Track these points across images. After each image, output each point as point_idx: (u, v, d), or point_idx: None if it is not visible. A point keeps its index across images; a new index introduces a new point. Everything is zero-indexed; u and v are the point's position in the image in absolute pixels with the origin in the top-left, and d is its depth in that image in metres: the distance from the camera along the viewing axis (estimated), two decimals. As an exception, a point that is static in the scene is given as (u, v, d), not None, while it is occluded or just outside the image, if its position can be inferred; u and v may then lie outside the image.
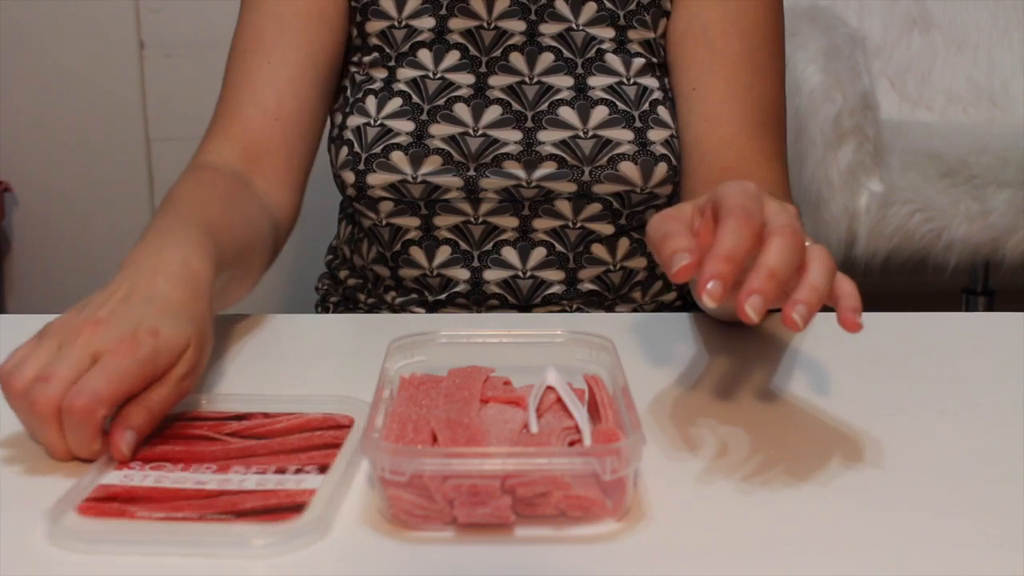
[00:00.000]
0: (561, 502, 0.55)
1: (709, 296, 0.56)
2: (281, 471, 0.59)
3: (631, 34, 0.97)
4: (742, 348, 0.81)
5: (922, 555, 0.53)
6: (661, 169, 0.94)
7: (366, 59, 0.98)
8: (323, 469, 0.60)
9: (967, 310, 2.19)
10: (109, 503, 0.56)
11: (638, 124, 0.95)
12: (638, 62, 0.97)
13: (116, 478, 0.59)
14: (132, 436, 0.60)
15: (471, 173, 0.95)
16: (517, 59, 0.97)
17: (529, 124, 0.95)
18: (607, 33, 0.97)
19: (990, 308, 2.18)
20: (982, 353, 0.82)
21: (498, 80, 0.97)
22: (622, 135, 0.94)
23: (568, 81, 0.96)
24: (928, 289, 2.27)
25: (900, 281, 2.21)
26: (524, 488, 0.54)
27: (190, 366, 0.64)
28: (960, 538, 0.55)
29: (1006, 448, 0.65)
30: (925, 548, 0.54)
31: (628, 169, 0.94)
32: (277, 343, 0.83)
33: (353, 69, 0.99)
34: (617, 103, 0.95)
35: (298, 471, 0.59)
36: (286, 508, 0.56)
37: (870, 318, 0.89)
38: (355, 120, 0.96)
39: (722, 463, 0.63)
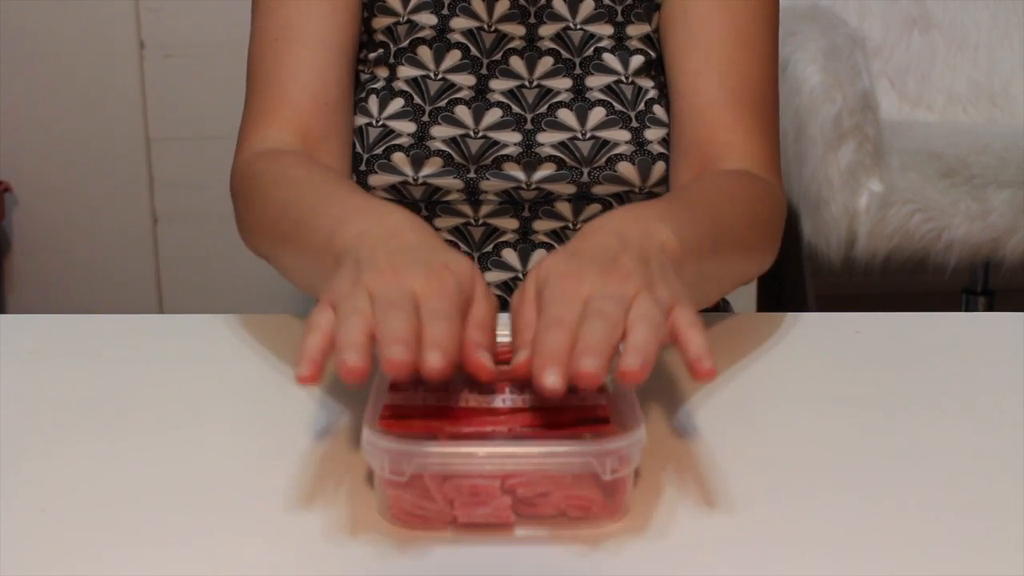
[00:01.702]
0: (561, 502, 0.55)
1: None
2: None
3: (629, 30, 0.97)
4: (742, 348, 0.81)
5: (922, 555, 0.53)
6: (659, 168, 0.94)
7: (371, 56, 0.97)
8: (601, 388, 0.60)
9: (967, 310, 2.19)
10: (406, 421, 0.55)
11: (635, 124, 0.95)
12: (636, 60, 0.96)
13: (396, 399, 0.59)
14: (487, 354, 0.58)
15: (471, 175, 0.95)
16: (517, 63, 0.97)
17: (529, 126, 0.95)
18: (605, 30, 0.97)
19: (990, 308, 2.18)
20: (982, 353, 0.82)
21: (499, 83, 0.97)
22: (619, 135, 0.94)
23: (567, 83, 0.96)
24: (928, 289, 2.27)
25: (900, 281, 2.21)
26: (524, 488, 0.54)
27: (484, 284, 0.62)
28: (960, 538, 0.55)
29: (1006, 448, 0.65)
30: (925, 548, 0.54)
31: (626, 169, 0.94)
32: (276, 343, 0.83)
33: (359, 67, 0.99)
34: (614, 103, 0.95)
35: (570, 391, 0.58)
36: (592, 420, 0.56)
37: (870, 318, 0.89)
38: (357, 120, 0.96)
39: (722, 463, 0.63)
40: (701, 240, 0.72)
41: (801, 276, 2.36)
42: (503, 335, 0.67)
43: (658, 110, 0.95)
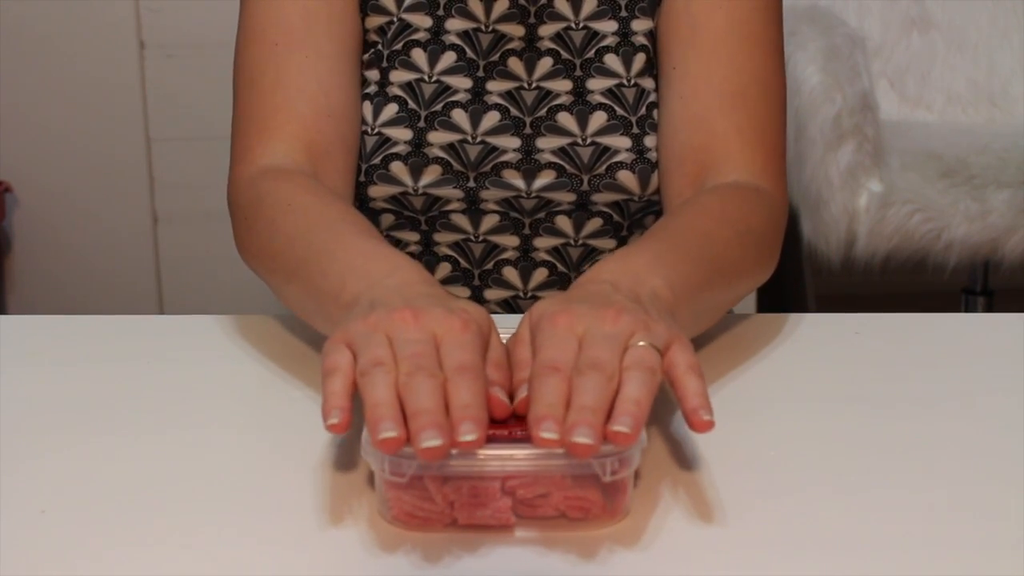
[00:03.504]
0: (561, 503, 0.55)
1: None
2: None
3: (634, 25, 0.95)
4: (742, 349, 0.81)
5: (922, 555, 0.53)
6: (658, 177, 0.93)
7: (364, 57, 0.96)
8: None
9: (967, 310, 2.18)
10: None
11: (636, 130, 0.93)
12: (640, 58, 0.95)
13: None
14: (502, 391, 0.59)
15: (471, 184, 0.93)
16: (515, 64, 0.95)
17: (528, 130, 0.94)
18: (609, 27, 0.95)
19: (990, 308, 2.18)
20: (982, 353, 0.82)
21: (496, 85, 0.95)
22: (620, 142, 0.93)
23: (567, 85, 0.95)
24: (928, 289, 2.27)
25: (900, 281, 2.21)
26: (524, 489, 0.54)
27: (497, 333, 0.63)
28: (960, 538, 0.55)
29: (1006, 448, 0.65)
30: (925, 548, 0.54)
31: (626, 178, 0.92)
32: (277, 344, 0.83)
33: None
34: (616, 108, 0.94)
35: None
36: None
37: (870, 319, 0.89)
38: None
39: (722, 464, 0.63)
40: (693, 279, 0.72)
41: (801, 276, 2.35)
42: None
43: (657, 115, 0.94)
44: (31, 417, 0.70)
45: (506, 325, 0.66)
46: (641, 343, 0.58)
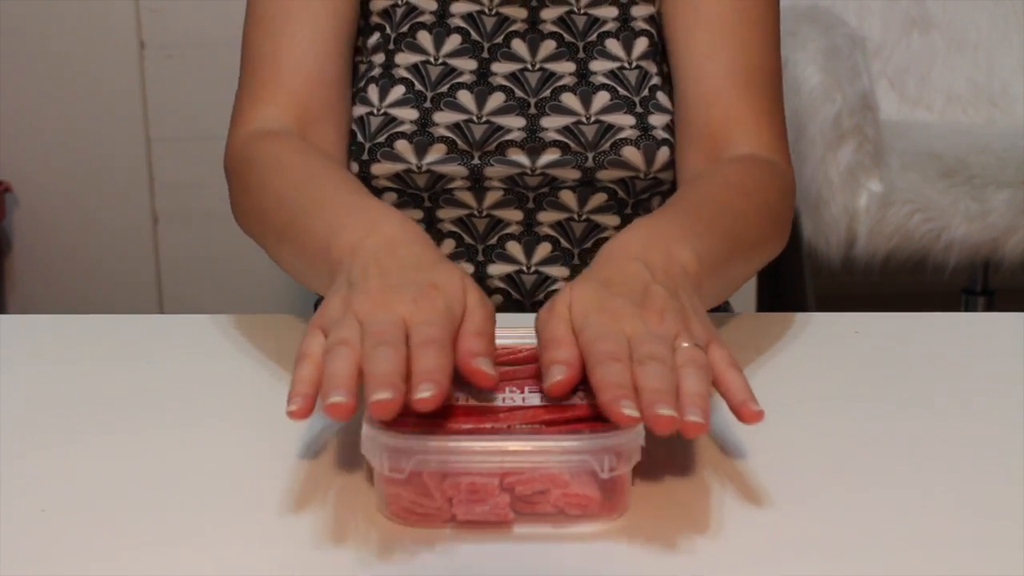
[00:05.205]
0: (559, 500, 0.55)
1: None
2: None
3: (634, 11, 0.97)
4: (743, 349, 0.81)
5: (922, 555, 0.53)
6: (663, 153, 0.94)
7: (369, 42, 0.97)
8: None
9: (967, 310, 2.19)
10: (402, 418, 0.54)
11: (639, 109, 0.95)
12: (641, 42, 0.96)
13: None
14: (486, 360, 0.59)
15: (476, 162, 0.94)
16: (519, 46, 0.97)
17: (532, 111, 0.95)
18: (610, 12, 0.97)
19: (989, 308, 2.18)
20: (982, 353, 0.82)
21: (500, 67, 0.97)
22: (624, 120, 0.94)
23: (570, 67, 0.97)
24: (928, 289, 2.27)
25: (900, 281, 2.22)
26: (523, 486, 0.54)
27: (478, 293, 0.63)
28: (960, 537, 0.55)
29: (1006, 448, 0.65)
30: (925, 548, 0.54)
31: (631, 154, 0.94)
32: (277, 343, 0.83)
33: (357, 57, 0.99)
34: (618, 88, 0.95)
35: (573, 391, 0.58)
36: (591, 418, 0.56)
37: (870, 318, 0.89)
38: (358, 110, 0.95)
39: (721, 462, 0.63)
40: (717, 251, 0.73)
41: (801, 276, 2.36)
42: (507, 337, 0.67)
43: (661, 97, 0.96)
44: (31, 416, 0.70)
45: (504, 324, 0.66)
46: (685, 344, 0.59)
